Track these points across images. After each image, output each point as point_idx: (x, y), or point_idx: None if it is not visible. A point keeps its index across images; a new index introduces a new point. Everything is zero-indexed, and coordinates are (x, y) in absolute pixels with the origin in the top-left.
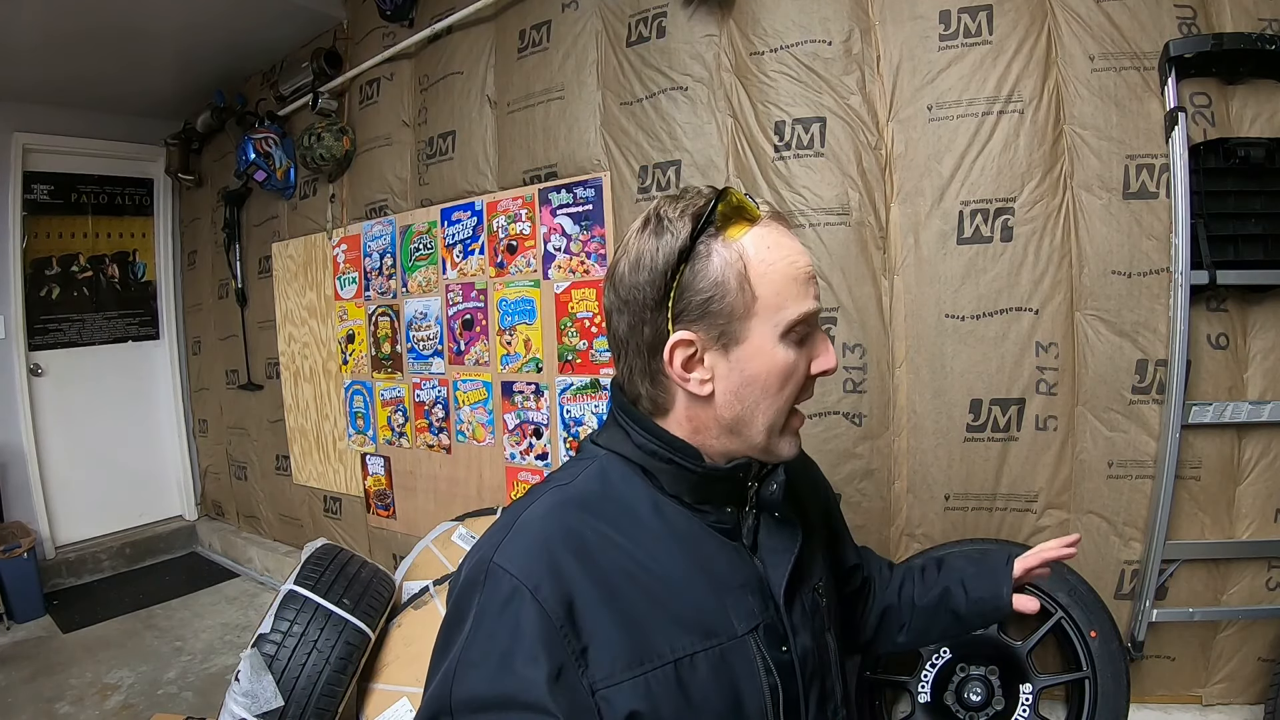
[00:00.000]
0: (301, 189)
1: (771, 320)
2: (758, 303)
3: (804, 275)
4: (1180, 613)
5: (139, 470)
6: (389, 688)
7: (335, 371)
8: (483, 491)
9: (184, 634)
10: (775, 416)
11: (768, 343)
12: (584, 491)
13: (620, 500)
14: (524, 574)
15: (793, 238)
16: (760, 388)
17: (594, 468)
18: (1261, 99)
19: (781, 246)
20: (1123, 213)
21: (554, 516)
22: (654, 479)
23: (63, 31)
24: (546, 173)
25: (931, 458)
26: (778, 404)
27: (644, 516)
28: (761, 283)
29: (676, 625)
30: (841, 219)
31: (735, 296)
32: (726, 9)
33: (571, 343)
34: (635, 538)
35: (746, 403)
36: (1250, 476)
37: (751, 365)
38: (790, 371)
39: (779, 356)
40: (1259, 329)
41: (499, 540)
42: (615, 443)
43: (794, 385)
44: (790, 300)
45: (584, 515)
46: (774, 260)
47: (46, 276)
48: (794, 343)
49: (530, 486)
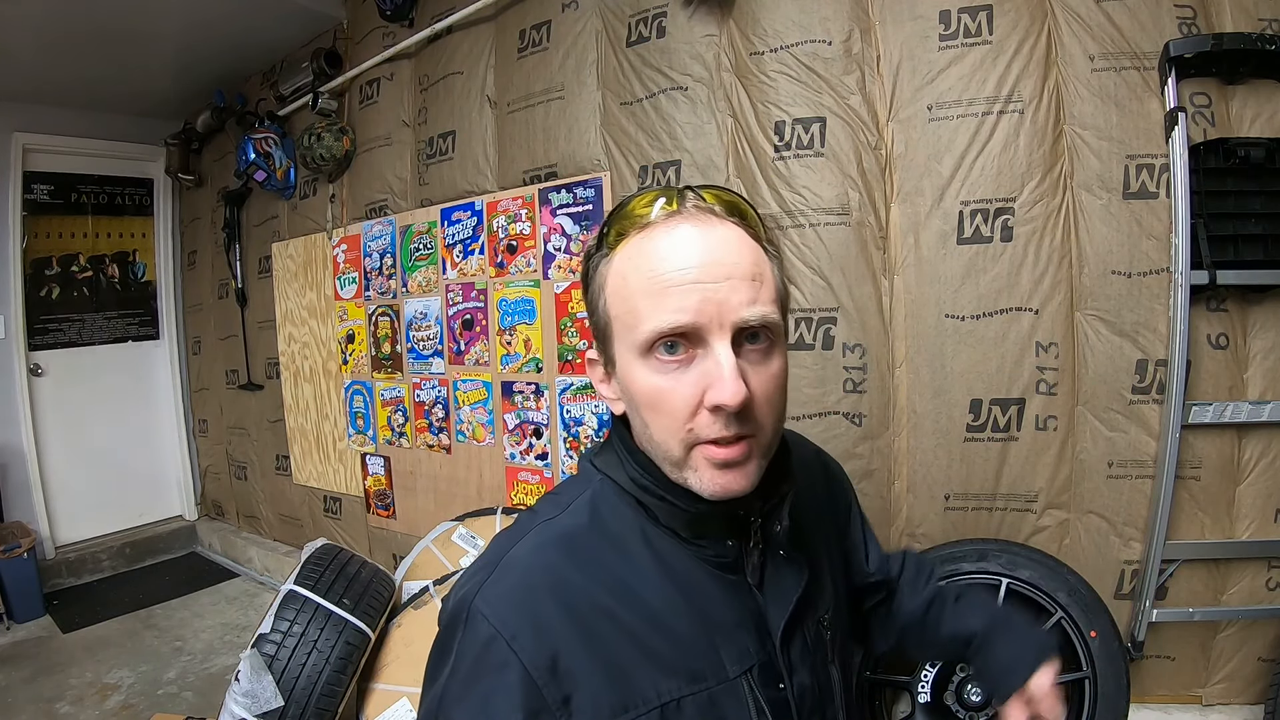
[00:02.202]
0: (301, 189)
1: (628, 339)
2: (613, 321)
3: (664, 284)
4: (1180, 613)
5: (139, 470)
6: (389, 688)
7: (335, 371)
8: (483, 491)
9: (184, 634)
10: (664, 448)
11: (629, 365)
12: (572, 527)
13: (610, 535)
14: (502, 623)
15: (676, 236)
16: (638, 414)
17: (585, 497)
18: (1261, 99)
19: (646, 254)
20: (1123, 213)
21: (538, 558)
22: (647, 510)
23: (63, 31)
24: (546, 173)
25: (931, 458)
26: (657, 434)
27: (634, 552)
28: (615, 299)
29: (663, 669)
30: (841, 219)
31: (600, 316)
32: (726, 9)
33: (571, 343)
34: (623, 577)
35: (638, 427)
36: (1250, 476)
37: (627, 387)
38: (653, 399)
39: (638, 380)
40: (1259, 329)
41: (483, 579)
42: (610, 468)
43: (669, 416)
44: (645, 315)
45: (570, 555)
46: (629, 271)
47: (46, 276)
48: (664, 364)
49: (520, 514)
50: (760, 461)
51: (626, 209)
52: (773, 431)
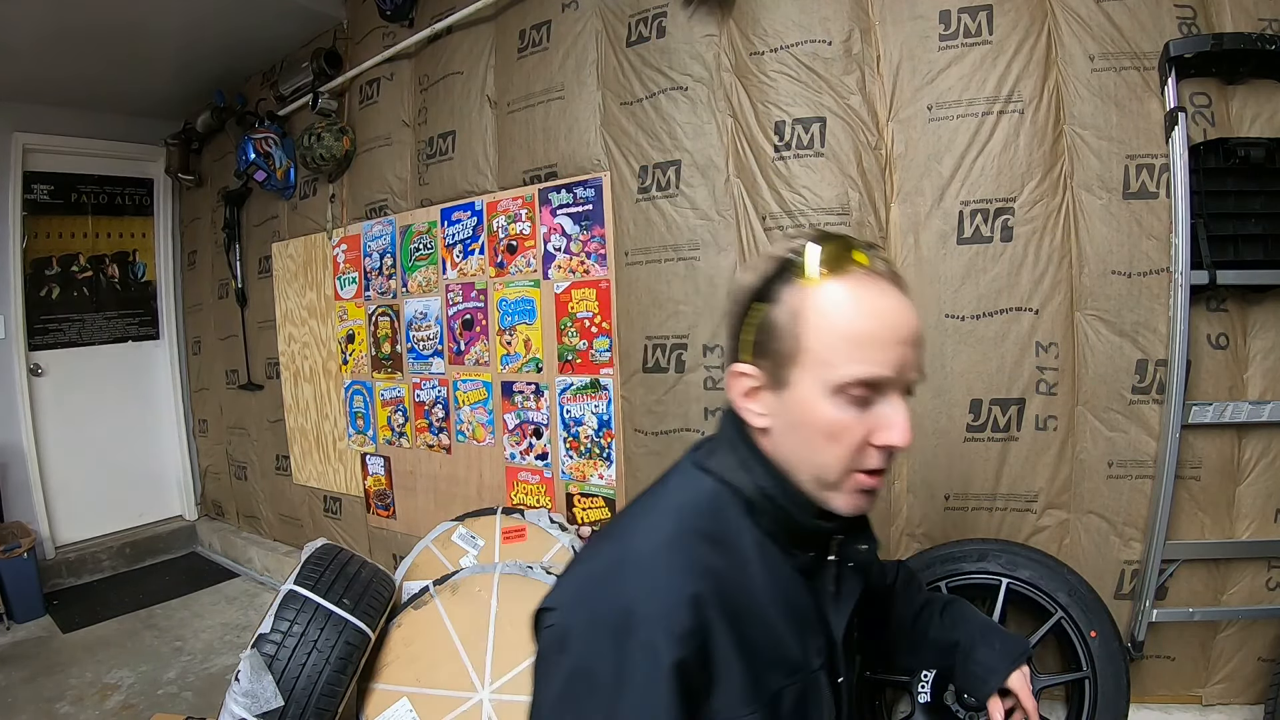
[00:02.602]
0: (301, 189)
1: (818, 374)
2: (804, 354)
3: (869, 337)
4: (1180, 613)
5: (139, 470)
6: (389, 688)
7: (335, 371)
8: (483, 491)
9: (184, 634)
10: (820, 471)
11: (813, 394)
12: (705, 527)
13: (733, 537)
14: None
15: (886, 294)
16: (803, 438)
17: (707, 499)
18: (1261, 99)
19: (854, 302)
20: (1123, 213)
21: (682, 550)
22: (756, 516)
23: (63, 31)
24: (546, 173)
25: (931, 457)
26: (823, 459)
27: (749, 555)
28: (812, 335)
29: (774, 662)
30: (841, 219)
31: (785, 342)
32: (726, 9)
33: (571, 343)
34: (747, 576)
35: (793, 447)
36: (1250, 476)
37: (797, 411)
38: (835, 431)
39: (823, 411)
40: (1259, 329)
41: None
42: (728, 472)
43: (844, 447)
44: (842, 360)
45: (710, 551)
46: (836, 314)
47: (46, 276)
48: (849, 403)
49: (631, 505)
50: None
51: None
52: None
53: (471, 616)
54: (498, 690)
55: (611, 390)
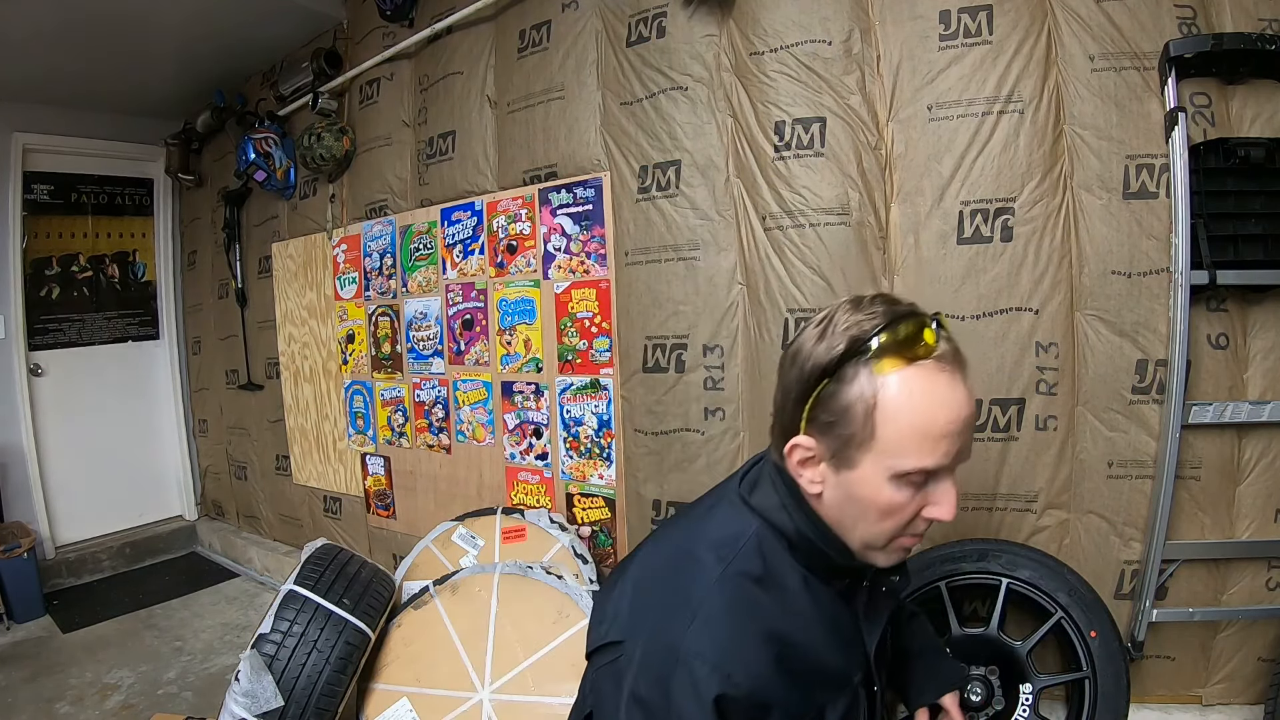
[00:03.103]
0: (301, 189)
1: (885, 461)
2: (875, 442)
3: (938, 431)
4: (1180, 613)
5: (139, 470)
6: (389, 688)
7: (335, 371)
8: (483, 491)
9: (184, 634)
10: (871, 539)
11: (876, 478)
12: (753, 571)
13: (776, 575)
14: (720, 660)
15: (954, 387)
16: (859, 510)
17: (752, 542)
18: (1261, 99)
19: (926, 395)
20: (1123, 213)
21: (736, 601)
22: (794, 552)
23: (63, 30)
24: (546, 173)
25: None
26: (874, 530)
27: (794, 589)
28: (886, 425)
29: (822, 683)
30: (841, 219)
31: (857, 427)
32: (726, 9)
33: (571, 343)
34: (792, 610)
35: (846, 516)
36: (1250, 476)
37: (856, 489)
38: (892, 510)
39: (884, 494)
40: (1259, 329)
41: (685, 625)
42: (771, 512)
43: (896, 521)
44: (911, 452)
45: (759, 596)
46: (909, 408)
47: (46, 276)
48: (907, 485)
49: (679, 528)
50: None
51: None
52: None
53: (471, 616)
54: (497, 690)
55: (611, 390)
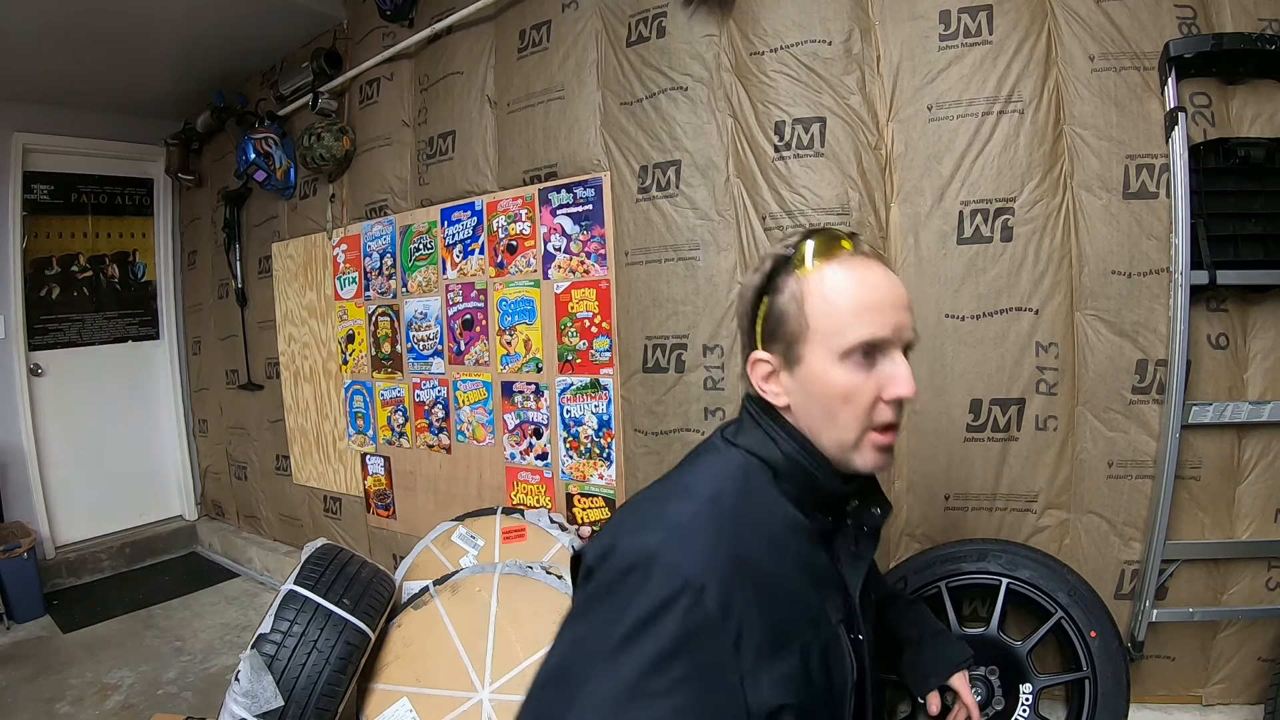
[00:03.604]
0: (301, 189)
1: (827, 344)
2: (813, 330)
3: (866, 301)
4: (1180, 613)
5: (139, 470)
6: (389, 688)
7: (335, 371)
8: (483, 491)
9: (184, 634)
10: (841, 434)
11: (824, 364)
12: (736, 497)
13: (759, 505)
14: (691, 573)
15: (873, 267)
16: (821, 405)
17: (737, 470)
18: (1261, 99)
19: (847, 275)
20: (1123, 213)
21: (717, 523)
22: (781, 482)
23: (63, 30)
24: (546, 173)
25: (931, 457)
26: (842, 421)
27: (777, 520)
28: (817, 310)
29: (799, 620)
30: (841, 219)
31: (794, 323)
32: (726, 9)
33: (571, 343)
34: (773, 541)
35: (814, 417)
36: (1250, 476)
37: (812, 384)
38: (850, 394)
39: (834, 377)
40: (1259, 329)
41: (662, 534)
42: (757, 445)
43: (857, 407)
44: (847, 326)
45: (739, 521)
46: (834, 288)
47: (46, 276)
48: (857, 366)
49: (669, 475)
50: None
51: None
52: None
53: (471, 616)
54: (498, 690)
55: (611, 390)
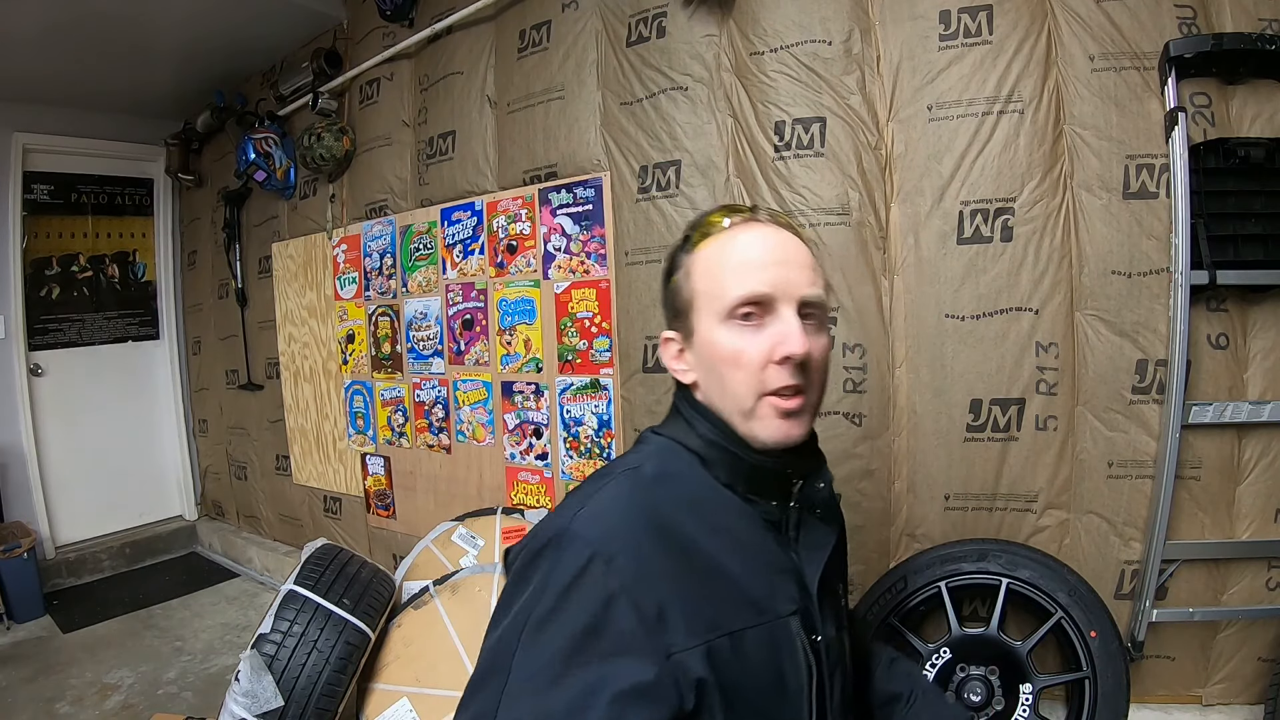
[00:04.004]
0: (301, 189)
1: (709, 309)
2: (697, 296)
3: (744, 259)
4: (1180, 613)
5: (139, 470)
6: (389, 688)
7: (335, 371)
8: (483, 491)
9: (184, 634)
10: (736, 401)
11: (711, 328)
12: (653, 473)
13: (685, 484)
14: (602, 544)
15: (754, 232)
16: (716, 374)
17: (656, 454)
18: (1261, 99)
19: (731, 241)
20: (1123, 213)
21: (629, 493)
22: (710, 468)
23: (63, 30)
24: (546, 173)
25: (931, 458)
26: (733, 387)
27: (706, 500)
28: (702, 277)
29: (733, 600)
30: (841, 219)
31: (683, 294)
32: (726, 9)
33: (571, 343)
34: (699, 518)
35: (712, 387)
36: (1250, 476)
37: (704, 352)
38: (734, 355)
39: (721, 340)
40: (1259, 329)
41: (574, 511)
42: (678, 433)
43: (747, 369)
44: (728, 286)
45: (656, 493)
46: (715, 254)
47: (46, 276)
48: (742, 327)
49: (591, 474)
50: (809, 417)
51: (711, 217)
52: (818, 393)
53: (471, 616)
54: None
55: (611, 390)
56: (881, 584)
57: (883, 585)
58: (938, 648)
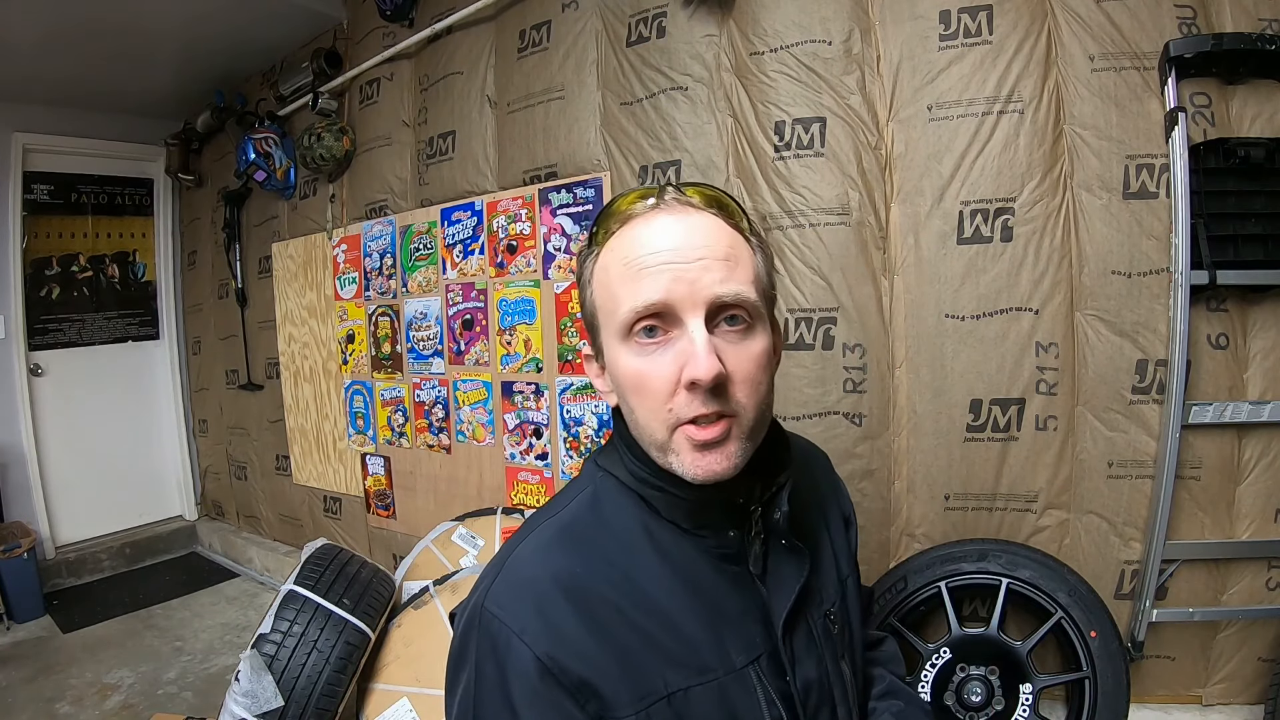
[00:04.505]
0: (301, 189)
1: (610, 326)
2: (598, 312)
3: (639, 268)
4: (1180, 613)
5: (139, 470)
6: (389, 688)
7: (335, 371)
8: (483, 491)
9: (184, 634)
10: (648, 433)
11: (614, 351)
12: (575, 522)
13: (612, 529)
14: (511, 618)
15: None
16: (626, 402)
17: (587, 494)
18: (1261, 99)
19: (626, 243)
20: (1123, 213)
21: (542, 554)
22: (648, 504)
23: (63, 30)
24: (546, 173)
25: (931, 458)
26: (642, 418)
27: (636, 545)
28: (599, 290)
29: (669, 660)
30: (841, 219)
31: (587, 309)
32: (726, 9)
33: (571, 343)
34: (625, 569)
35: (627, 415)
36: (1250, 476)
37: (612, 373)
38: (637, 382)
39: (621, 364)
40: (1259, 329)
41: (491, 582)
42: (612, 465)
43: (652, 396)
44: (621, 299)
45: (574, 549)
46: (611, 263)
47: (46, 276)
48: (643, 346)
49: (530, 515)
50: (743, 444)
51: (612, 207)
52: (755, 413)
53: None
54: None
55: None
56: (881, 584)
57: (883, 585)
58: (938, 648)
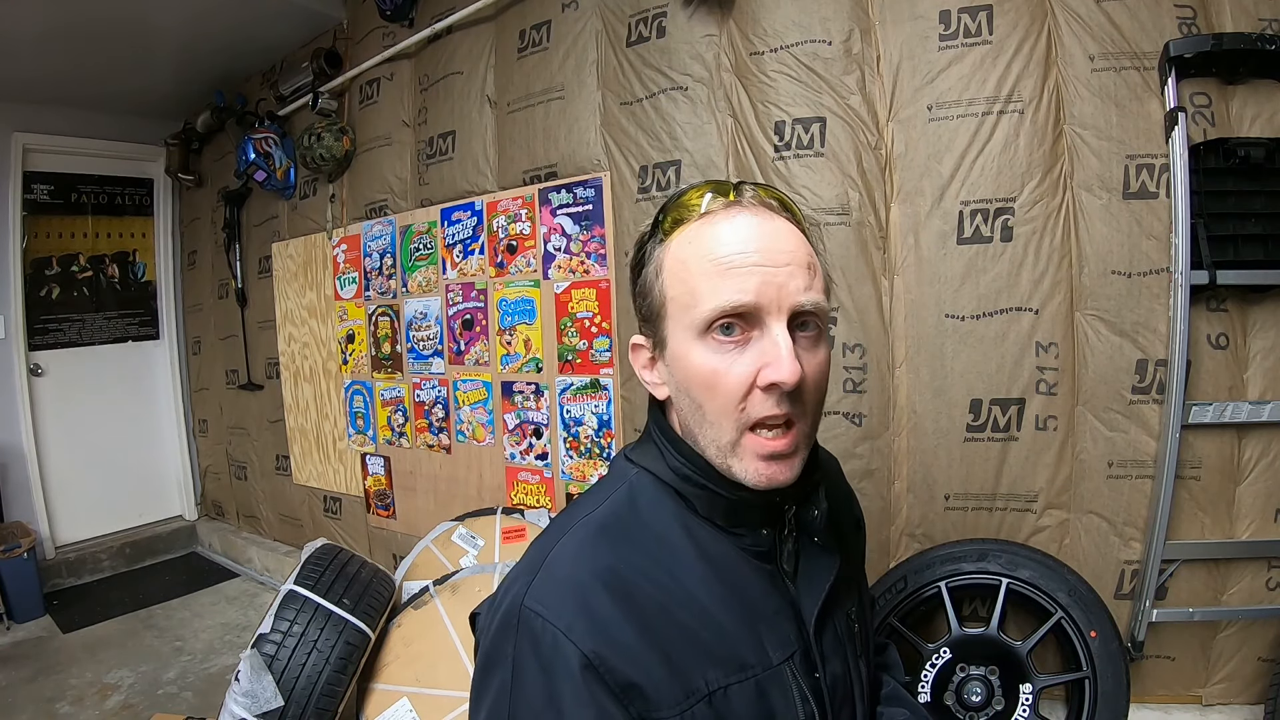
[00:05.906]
0: (301, 189)
1: (685, 320)
2: (669, 304)
3: (722, 261)
4: (1180, 613)
5: (139, 470)
6: (389, 688)
7: (335, 371)
8: (483, 491)
9: (184, 634)
10: (715, 432)
11: (685, 342)
12: (613, 520)
13: (650, 526)
14: (556, 616)
15: (735, 221)
16: (689, 396)
17: (623, 491)
18: (1261, 99)
19: (706, 238)
20: (1123, 213)
21: (584, 552)
22: (686, 500)
23: (63, 30)
24: (546, 173)
25: (931, 458)
26: (711, 417)
27: (675, 543)
28: (673, 281)
29: (710, 658)
30: (841, 219)
31: (654, 298)
32: (726, 9)
33: (571, 343)
34: (667, 566)
35: (687, 411)
36: (1250, 476)
37: (677, 370)
38: (711, 380)
39: (694, 360)
40: (1259, 329)
41: (529, 580)
42: (649, 460)
43: (726, 396)
44: (702, 294)
45: (615, 546)
46: (689, 255)
47: (46, 276)
48: (721, 345)
49: (558, 514)
50: (804, 453)
51: (684, 199)
52: (814, 421)
53: None
54: None
55: (612, 390)
56: (881, 584)
57: (883, 585)
58: (938, 648)
